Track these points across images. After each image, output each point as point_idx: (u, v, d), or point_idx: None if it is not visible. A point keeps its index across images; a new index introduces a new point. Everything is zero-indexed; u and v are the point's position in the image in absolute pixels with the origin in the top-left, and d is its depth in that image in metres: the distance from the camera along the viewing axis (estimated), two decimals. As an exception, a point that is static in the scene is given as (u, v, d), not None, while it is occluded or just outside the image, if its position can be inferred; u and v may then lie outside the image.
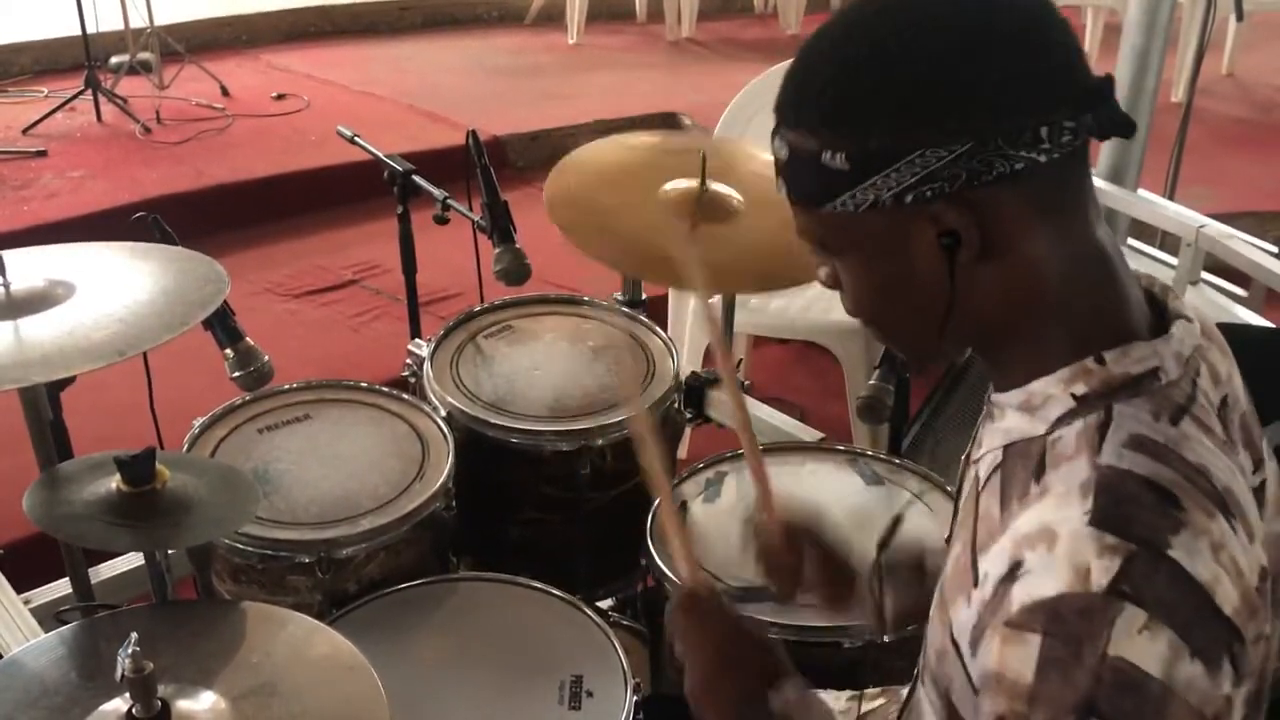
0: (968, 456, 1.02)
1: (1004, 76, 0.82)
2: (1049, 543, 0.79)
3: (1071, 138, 0.82)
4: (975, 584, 0.84)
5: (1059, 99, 0.82)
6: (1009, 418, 0.90)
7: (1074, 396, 0.86)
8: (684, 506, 1.86)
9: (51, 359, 1.42)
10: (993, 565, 0.83)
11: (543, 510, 1.95)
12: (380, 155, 2.26)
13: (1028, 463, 0.86)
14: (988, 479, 0.91)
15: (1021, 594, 0.79)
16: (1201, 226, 2.89)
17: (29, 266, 1.59)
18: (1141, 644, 0.74)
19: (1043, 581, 0.78)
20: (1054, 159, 0.82)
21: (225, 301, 1.66)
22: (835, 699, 1.37)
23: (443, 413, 1.92)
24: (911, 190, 0.83)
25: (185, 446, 1.81)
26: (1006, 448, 0.89)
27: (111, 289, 1.57)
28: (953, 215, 0.84)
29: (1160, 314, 0.91)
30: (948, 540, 1.03)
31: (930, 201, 0.83)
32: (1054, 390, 0.87)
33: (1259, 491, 0.93)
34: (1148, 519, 0.78)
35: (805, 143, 0.86)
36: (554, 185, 2.01)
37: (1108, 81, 0.85)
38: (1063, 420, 0.86)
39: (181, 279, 1.62)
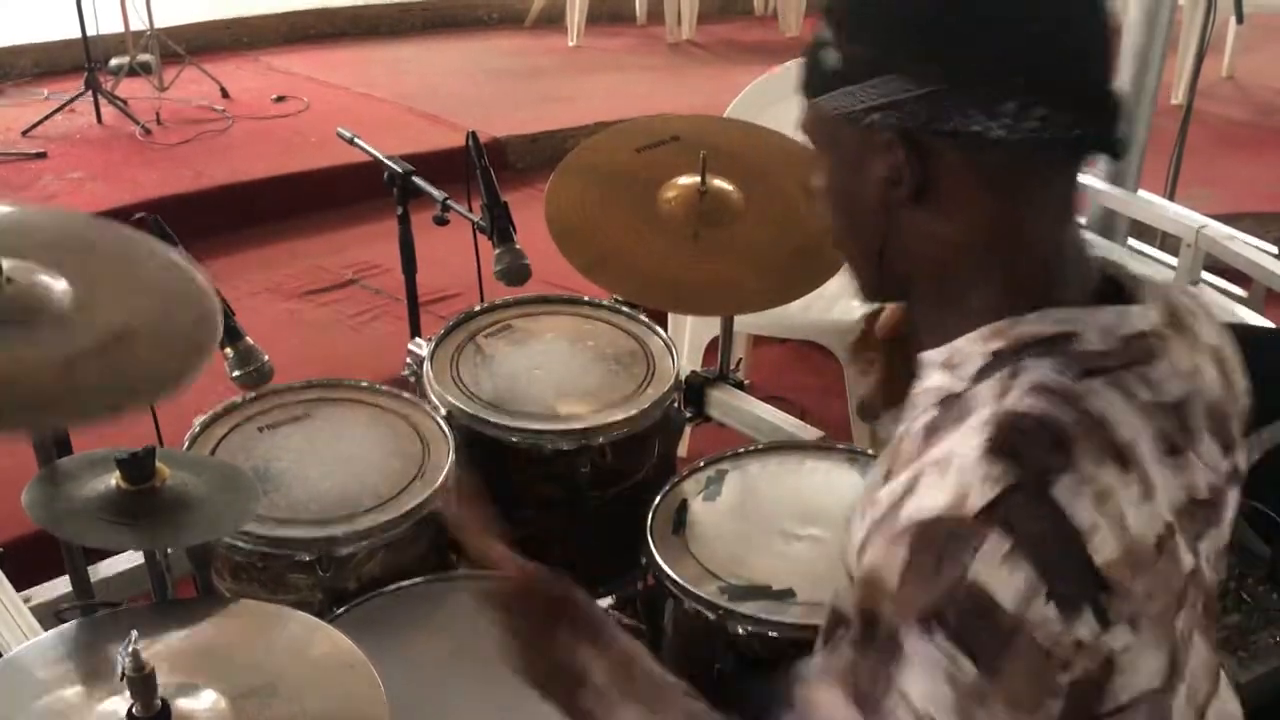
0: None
1: (1002, 43, 0.84)
2: (943, 467, 0.82)
3: (1039, 126, 0.83)
4: (873, 503, 0.88)
5: (1043, 86, 0.83)
6: (934, 376, 0.93)
7: (990, 354, 0.88)
8: (684, 505, 1.86)
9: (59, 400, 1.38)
10: (893, 487, 0.85)
11: (543, 510, 1.95)
12: (380, 157, 2.26)
13: (949, 416, 0.89)
14: (916, 427, 0.93)
15: (908, 509, 0.81)
16: (1202, 227, 2.89)
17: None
18: (1001, 574, 0.76)
19: (927, 499, 0.81)
20: (1012, 139, 0.84)
21: (225, 301, 1.66)
22: None
23: (443, 412, 1.92)
24: (877, 110, 0.87)
25: (186, 445, 1.81)
26: (939, 404, 0.91)
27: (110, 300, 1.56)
28: (900, 151, 0.87)
29: (1121, 301, 0.92)
30: None
31: (887, 128, 0.87)
32: (973, 348, 0.90)
33: (1232, 475, 0.96)
34: (1037, 455, 0.80)
35: (821, 31, 0.91)
36: (554, 207, 2.04)
37: (1111, 96, 0.86)
38: (979, 375, 0.88)
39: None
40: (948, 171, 0.87)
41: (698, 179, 2.07)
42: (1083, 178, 0.93)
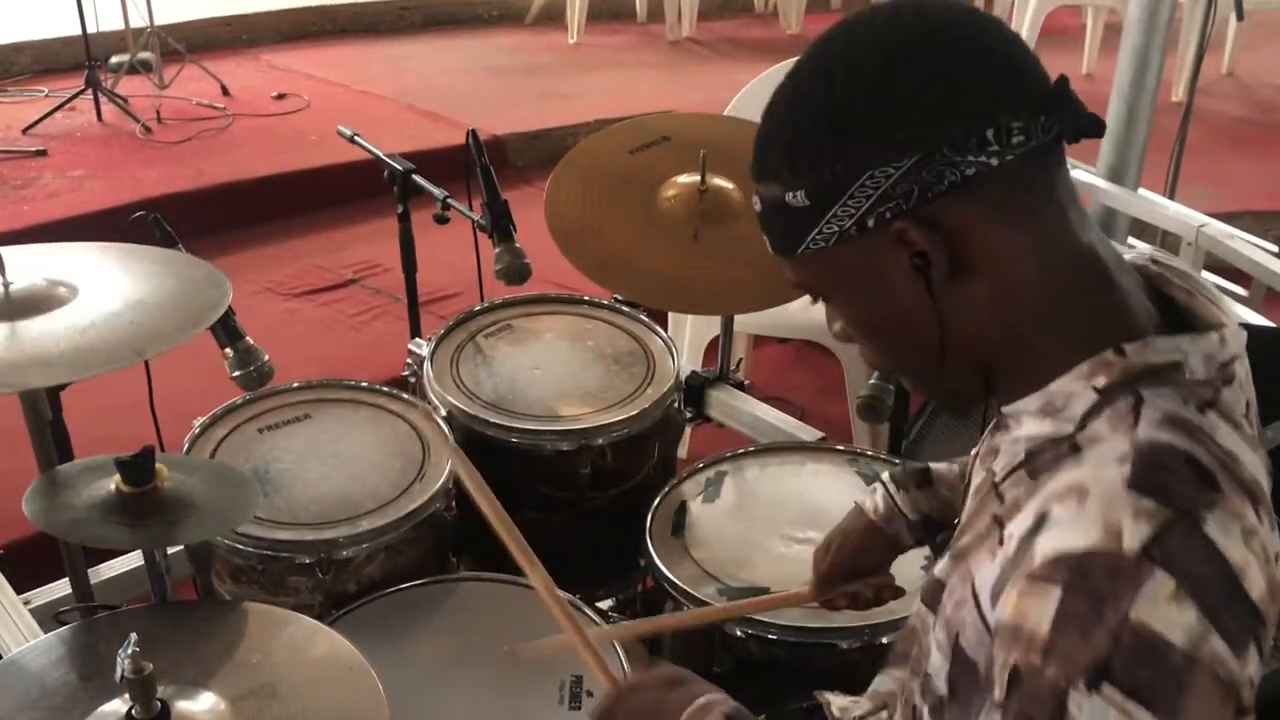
0: (977, 455, 1.01)
1: (943, 85, 0.83)
2: (1080, 497, 0.78)
3: (1023, 139, 0.82)
4: (1000, 543, 0.84)
5: (1003, 102, 0.83)
6: (1026, 424, 0.89)
7: (1096, 390, 0.84)
8: (683, 507, 1.86)
9: (68, 358, 1.41)
10: (1019, 525, 0.82)
11: (543, 510, 1.95)
12: (380, 155, 2.26)
13: (1059, 452, 0.85)
14: (1008, 474, 0.89)
15: (1046, 545, 0.78)
16: (1202, 226, 2.89)
17: (29, 267, 1.59)
18: (1168, 612, 0.73)
19: (1070, 534, 0.77)
20: (1007, 162, 0.82)
21: (226, 307, 1.66)
22: (835, 697, 1.37)
23: (443, 412, 1.92)
24: (871, 214, 0.84)
25: (185, 446, 1.81)
26: (1029, 451, 0.88)
27: (114, 292, 1.56)
28: (915, 233, 0.84)
29: (1168, 308, 0.90)
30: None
31: (891, 222, 0.84)
32: (1074, 387, 0.85)
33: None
34: (1186, 491, 0.77)
35: (771, 191, 0.89)
36: (554, 207, 2.04)
37: (1062, 83, 0.85)
38: (1090, 414, 0.84)
39: (183, 283, 1.62)
40: (966, 227, 0.84)
41: (698, 178, 2.07)
42: (1083, 176, 0.93)
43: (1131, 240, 3.26)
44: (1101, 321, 0.86)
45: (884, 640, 1.56)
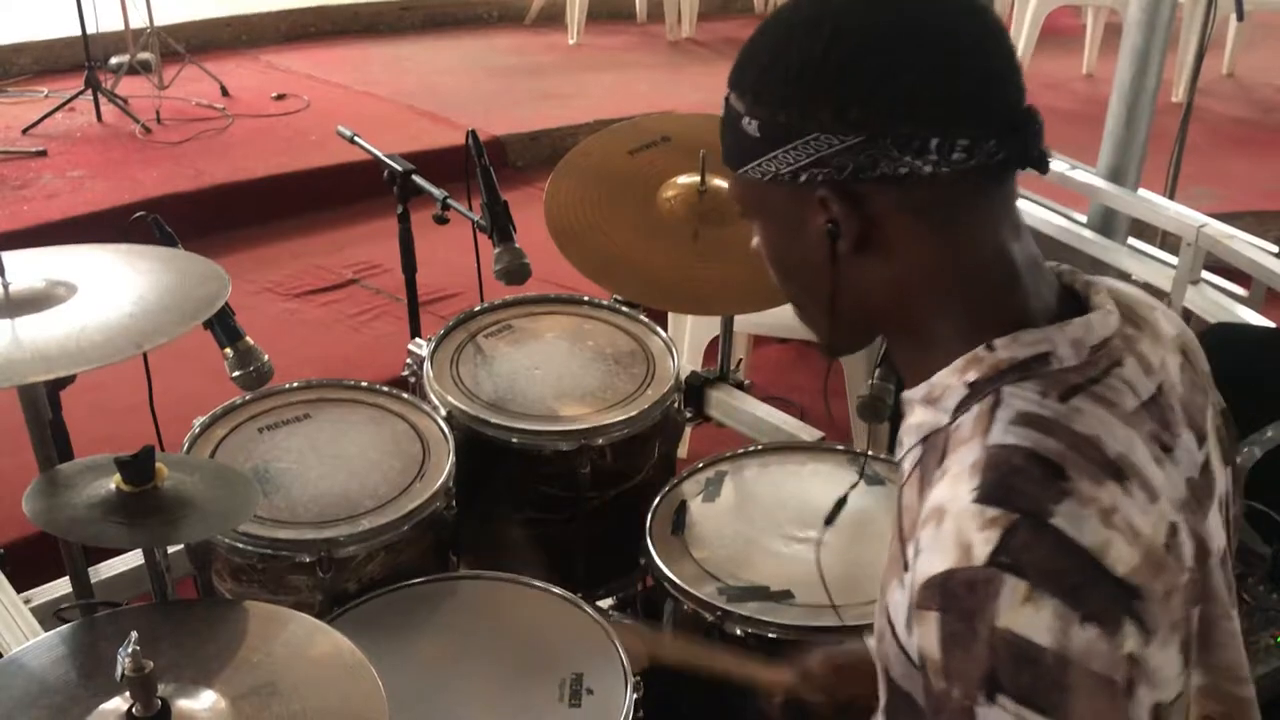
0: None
1: (912, 83, 0.84)
2: (939, 519, 0.81)
3: (965, 156, 0.84)
4: (905, 568, 0.87)
5: (958, 118, 0.84)
6: (917, 412, 0.93)
7: (967, 384, 0.89)
8: (683, 506, 1.86)
9: (69, 353, 1.41)
10: (910, 550, 0.85)
11: (543, 510, 1.95)
12: (380, 155, 2.26)
13: (935, 453, 0.89)
14: (910, 473, 0.94)
15: (919, 572, 0.81)
16: (1202, 226, 2.89)
17: (29, 266, 1.59)
18: (1027, 614, 0.75)
19: (933, 559, 0.80)
20: (941, 173, 0.85)
21: (225, 300, 1.66)
22: None
23: (443, 412, 1.92)
24: (804, 171, 0.87)
25: (185, 446, 1.81)
26: (923, 441, 0.92)
27: (112, 288, 1.57)
28: (835, 205, 0.87)
29: (1080, 309, 0.93)
30: None
31: (819, 185, 0.87)
32: (951, 380, 0.90)
33: (1205, 467, 0.95)
34: (1031, 490, 0.79)
35: (735, 105, 0.92)
36: (553, 207, 2.04)
37: (1028, 115, 0.87)
38: (960, 408, 0.89)
39: (181, 278, 1.62)
40: (884, 215, 0.88)
41: (697, 178, 2.07)
42: (1083, 176, 0.93)
43: (1131, 240, 3.26)
44: (990, 317, 0.90)
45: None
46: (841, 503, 1.31)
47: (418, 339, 2.20)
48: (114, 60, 5.06)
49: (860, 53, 0.85)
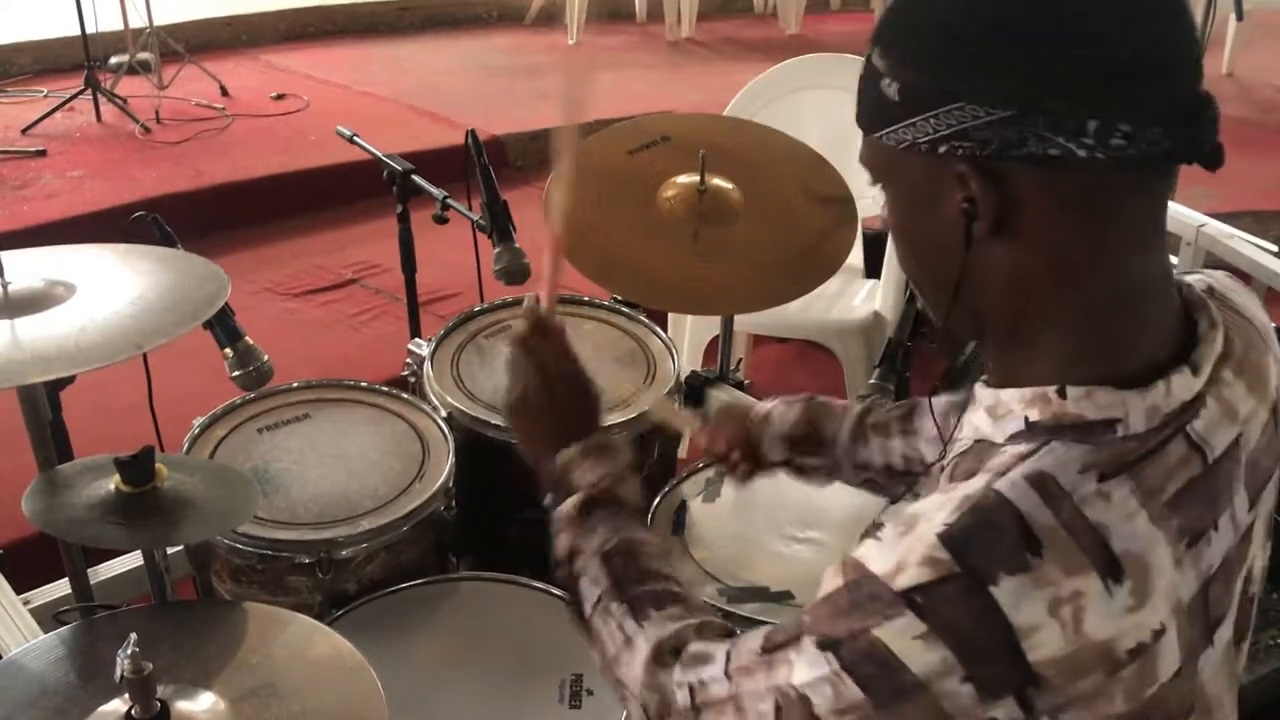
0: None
1: (1074, 54, 0.77)
2: (907, 528, 0.79)
3: (1124, 143, 0.76)
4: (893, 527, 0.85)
5: (1125, 97, 0.77)
6: (982, 415, 0.88)
7: (1026, 420, 0.83)
8: (683, 506, 1.86)
9: (68, 353, 1.41)
10: (883, 532, 0.82)
11: (543, 510, 1.94)
12: (380, 155, 2.26)
13: (975, 461, 0.84)
14: (949, 462, 0.89)
15: (859, 550, 0.81)
16: (1201, 226, 2.88)
17: (29, 267, 1.59)
18: (913, 647, 0.75)
19: (876, 554, 0.79)
20: (1096, 159, 0.77)
21: (225, 301, 1.66)
22: None
23: (443, 413, 1.92)
24: (945, 143, 0.81)
25: (185, 446, 1.81)
26: (976, 442, 0.88)
27: (112, 289, 1.56)
28: (975, 182, 0.80)
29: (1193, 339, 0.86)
30: None
31: (960, 159, 0.81)
32: (1014, 406, 0.85)
33: (1248, 532, 0.89)
34: (993, 552, 0.75)
35: (877, 63, 0.85)
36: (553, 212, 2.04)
37: (1204, 101, 0.78)
38: (1013, 438, 0.84)
39: (181, 278, 1.62)
40: (1026, 198, 0.80)
41: (697, 178, 2.07)
42: None
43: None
44: (1093, 346, 0.84)
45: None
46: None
47: (418, 339, 2.20)
48: (114, 60, 5.06)
49: (1020, 16, 0.78)
